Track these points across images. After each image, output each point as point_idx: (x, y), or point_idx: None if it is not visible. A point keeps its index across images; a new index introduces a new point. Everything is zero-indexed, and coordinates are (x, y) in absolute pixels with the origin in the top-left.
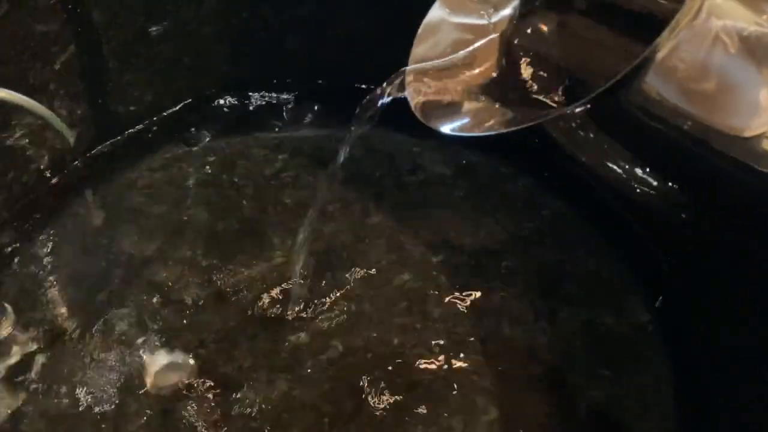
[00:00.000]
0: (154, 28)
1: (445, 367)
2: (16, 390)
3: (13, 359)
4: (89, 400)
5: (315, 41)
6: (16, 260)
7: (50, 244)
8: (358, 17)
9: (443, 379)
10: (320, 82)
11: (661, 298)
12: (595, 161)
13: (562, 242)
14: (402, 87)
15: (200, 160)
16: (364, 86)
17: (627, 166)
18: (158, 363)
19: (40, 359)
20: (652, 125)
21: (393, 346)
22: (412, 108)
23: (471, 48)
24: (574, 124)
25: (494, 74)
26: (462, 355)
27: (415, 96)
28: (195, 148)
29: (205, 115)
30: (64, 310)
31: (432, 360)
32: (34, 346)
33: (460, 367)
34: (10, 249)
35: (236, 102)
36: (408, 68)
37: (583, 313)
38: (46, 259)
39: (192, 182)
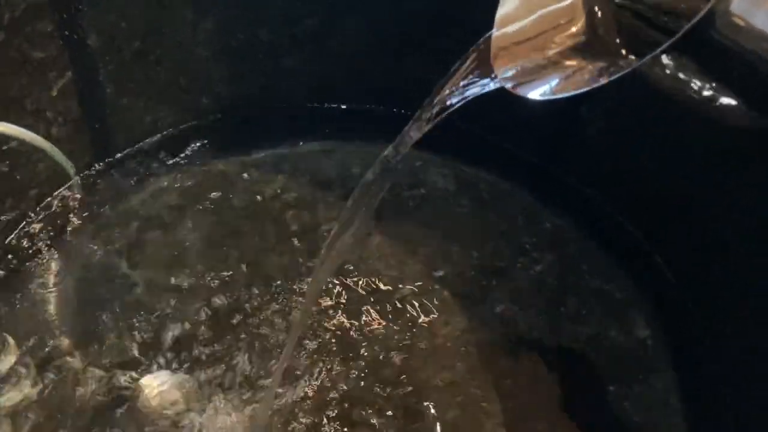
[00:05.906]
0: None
1: (449, 385)
2: (20, 421)
3: (16, 390)
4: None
5: (312, 61)
6: (15, 289)
7: (48, 272)
8: (355, 37)
9: (447, 398)
10: (317, 100)
11: None
12: (681, 93)
13: (564, 257)
14: (482, 63)
15: (198, 182)
16: (360, 105)
17: (714, 97)
18: (160, 384)
19: (42, 389)
20: (739, 53)
21: (394, 363)
22: (499, 78)
23: (555, 12)
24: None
25: (581, 34)
26: (466, 371)
27: (501, 66)
28: (193, 170)
29: (203, 136)
30: (65, 338)
31: (435, 377)
32: (36, 377)
33: (465, 384)
34: (8, 277)
35: (233, 123)
36: (493, 39)
37: (587, 327)
38: (44, 288)
39: (190, 205)
